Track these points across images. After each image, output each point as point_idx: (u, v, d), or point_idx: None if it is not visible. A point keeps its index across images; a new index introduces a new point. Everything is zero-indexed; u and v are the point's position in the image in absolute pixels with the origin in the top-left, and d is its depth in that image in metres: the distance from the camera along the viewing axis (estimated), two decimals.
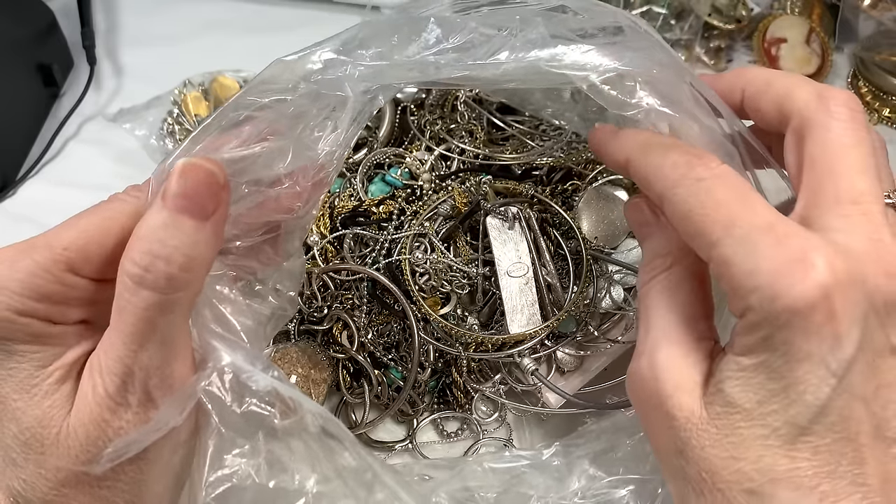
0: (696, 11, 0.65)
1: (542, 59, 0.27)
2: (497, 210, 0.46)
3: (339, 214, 0.49)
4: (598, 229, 0.47)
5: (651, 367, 0.27)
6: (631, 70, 0.27)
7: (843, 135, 0.26)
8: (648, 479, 0.33)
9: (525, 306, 0.44)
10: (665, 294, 0.28)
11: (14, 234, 0.27)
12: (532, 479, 0.35)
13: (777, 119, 0.29)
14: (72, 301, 0.26)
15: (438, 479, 0.35)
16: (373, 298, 0.47)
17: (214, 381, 0.26)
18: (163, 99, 0.61)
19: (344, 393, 0.46)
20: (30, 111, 0.62)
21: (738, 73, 0.30)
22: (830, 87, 0.28)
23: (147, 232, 0.25)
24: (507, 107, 0.55)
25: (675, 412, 0.26)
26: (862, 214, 0.25)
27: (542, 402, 0.45)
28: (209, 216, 0.25)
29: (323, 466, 0.27)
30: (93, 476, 0.25)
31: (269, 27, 0.70)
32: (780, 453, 0.24)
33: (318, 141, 0.27)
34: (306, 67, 0.27)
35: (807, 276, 0.23)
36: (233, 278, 0.29)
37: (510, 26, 0.27)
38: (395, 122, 0.54)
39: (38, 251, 0.25)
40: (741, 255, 0.24)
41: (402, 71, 0.27)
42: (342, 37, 0.28)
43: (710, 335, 0.28)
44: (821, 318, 0.23)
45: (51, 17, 0.63)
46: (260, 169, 0.27)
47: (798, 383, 0.23)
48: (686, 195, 0.26)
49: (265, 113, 0.27)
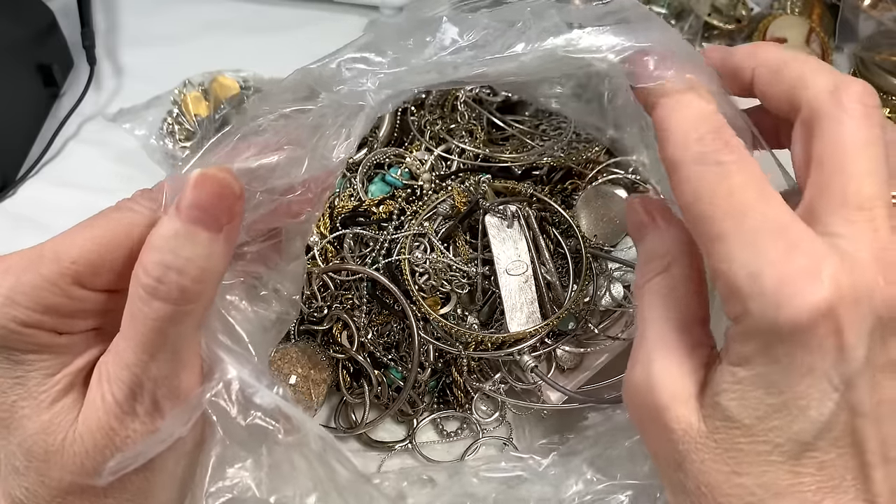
0: (696, 11, 0.65)
1: (559, 46, 0.27)
2: (496, 209, 0.46)
3: (339, 214, 0.49)
4: (598, 227, 0.47)
5: (646, 377, 0.26)
6: (649, 46, 0.27)
7: (855, 133, 0.24)
8: (647, 484, 0.33)
9: (524, 304, 0.44)
10: (661, 298, 0.27)
11: (14, 234, 0.27)
12: (529, 485, 0.35)
13: (787, 107, 0.27)
14: (79, 313, 0.26)
15: (434, 489, 0.35)
16: (373, 298, 0.47)
17: (221, 392, 0.26)
18: (163, 99, 0.60)
19: (344, 393, 0.46)
20: (30, 111, 0.62)
21: (751, 52, 0.28)
22: (846, 78, 0.26)
23: (160, 242, 0.24)
24: (507, 107, 0.55)
25: (673, 425, 0.25)
26: (868, 221, 0.23)
27: (543, 401, 0.45)
28: (223, 228, 0.25)
29: (324, 484, 0.27)
30: (97, 485, 0.25)
31: (269, 27, 0.70)
32: (783, 469, 0.23)
33: (334, 149, 0.27)
34: (327, 77, 0.27)
35: (814, 288, 0.22)
36: (240, 285, 0.29)
37: (523, 19, 0.27)
38: (395, 122, 0.54)
39: (46, 264, 0.25)
40: (746, 255, 0.23)
41: (421, 74, 0.27)
42: (358, 43, 0.28)
43: (707, 341, 0.27)
44: (826, 333, 0.22)
45: (51, 17, 0.63)
46: (276, 178, 0.27)
47: (800, 398, 0.22)
48: (700, 174, 0.24)
49: (284, 122, 0.27)
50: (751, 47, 0.29)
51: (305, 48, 0.61)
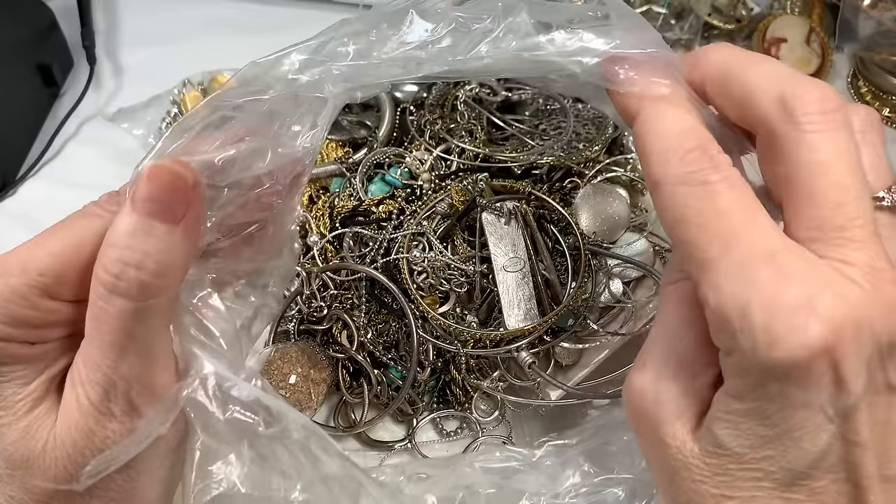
0: (696, 11, 0.65)
1: (527, 49, 0.26)
2: (493, 206, 0.46)
3: (338, 214, 0.49)
4: (597, 224, 0.47)
5: (651, 387, 0.25)
6: (622, 52, 0.25)
7: (818, 149, 0.22)
8: (644, 478, 0.33)
9: (522, 300, 0.44)
10: (681, 306, 0.25)
11: (14, 234, 0.27)
12: (525, 475, 0.35)
13: (743, 123, 0.26)
14: (51, 323, 0.26)
15: (429, 480, 0.35)
16: (372, 298, 0.47)
17: (197, 388, 0.26)
18: (162, 99, 0.61)
19: (343, 392, 0.46)
20: (30, 111, 0.62)
21: (698, 59, 0.26)
22: (798, 83, 0.23)
23: (116, 238, 0.24)
24: (507, 106, 0.55)
25: (669, 440, 0.24)
26: (852, 241, 0.22)
27: (542, 398, 0.45)
28: (179, 219, 0.24)
29: (308, 474, 0.27)
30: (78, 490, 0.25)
31: (269, 27, 0.70)
32: (774, 494, 0.22)
33: (297, 137, 0.27)
34: (282, 69, 0.27)
35: (809, 324, 0.20)
36: (213, 281, 0.28)
37: (493, 14, 0.26)
38: (394, 121, 0.54)
39: (14, 276, 0.25)
40: (734, 285, 0.21)
41: (384, 68, 0.27)
42: (320, 36, 0.27)
43: (717, 361, 0.25)
44: (823, 370, 0.21)
45: (51, 17, 0.63)
46: (239, 171, 0.26)
47: (793, 430, 0.22)
48: (685, 196, 0.23)
49: (240, 113, 0.27)
50: (697, 54, 0.26)
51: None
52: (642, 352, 0.26)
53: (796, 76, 0.24)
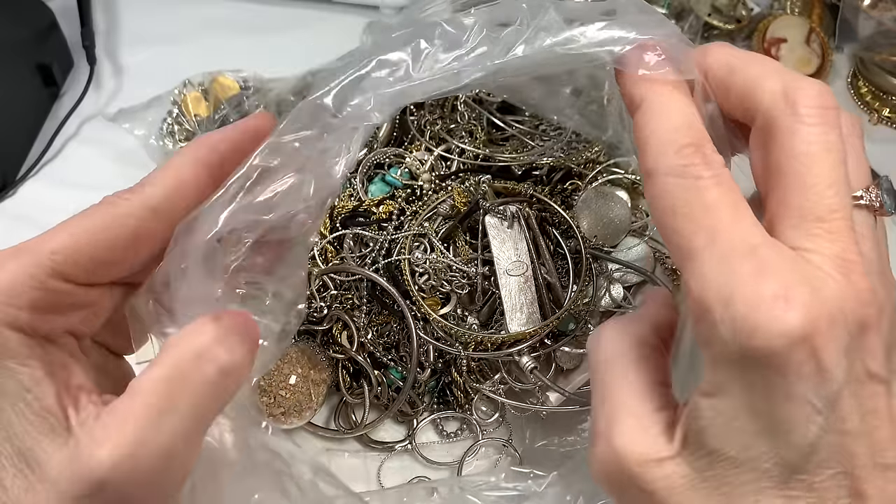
0: (696, 11, 0.65)
1: (559, 44, 0.26)
2: (496, 209, 0.46)
3: (339, 214, 0.49)
4: (598, 228, 0.47)
5: (611, 449, 0.25)
6: (650, 39, 0.26)
7: (812, 141, 0.24)
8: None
9: (524, 305, 0.44)
10: (624, 358, 0.26)
11: (14, 234, 0.27)
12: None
13: (741, 113, 0.27)
14: (59, 307, 0.25)
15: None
16: (372, 298, 0.47)
17: (213, 432, 0.26)
18: (162, 99, 0.60)
19: (344, 393, 0.46)
20: (30, 111, 0.62)
21: (701, 53, 0.27)
22: (800, 80, 0.25)
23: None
24: (507, 107, 0.55)
25: (650, 486, 0.24)
26: (830, 233, 0.23)
27: (542, 402, 0.45)
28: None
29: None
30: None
31: (269, 27, 0.70)
32: (774, 493, 0.23)
33: (336, 165, 0.27)
34: (332, 104, 0.27)
35: (787, 314, 0.21)
36: (242, 297, 0.29)
37: (520, 16, 0.27)
38: (394, 122, 0.53)
39: (23, 255, 0.25)
40: (717, 275, 0.22)
41: (424, 86, 0.27)
42: (352, 64, 0.27)
43: (672, 402, 0.26)
44: (803, 358, 0.21)
45: (51, 17, 0.63)
46: (282, 206, 0.27)
47: (782, 423, 0.22)
48: (677, 187, 0.24)
49: (292, 153, 0.27)
50: (700, 49, 0.27)
51: (305, 48, 0.62)
52: (592, 423, 0.27)
53: (796, 74, 0.25)
